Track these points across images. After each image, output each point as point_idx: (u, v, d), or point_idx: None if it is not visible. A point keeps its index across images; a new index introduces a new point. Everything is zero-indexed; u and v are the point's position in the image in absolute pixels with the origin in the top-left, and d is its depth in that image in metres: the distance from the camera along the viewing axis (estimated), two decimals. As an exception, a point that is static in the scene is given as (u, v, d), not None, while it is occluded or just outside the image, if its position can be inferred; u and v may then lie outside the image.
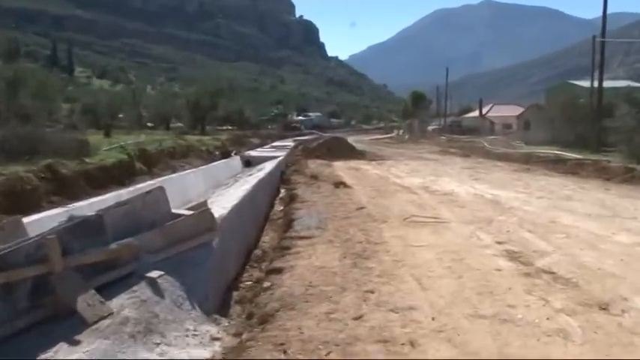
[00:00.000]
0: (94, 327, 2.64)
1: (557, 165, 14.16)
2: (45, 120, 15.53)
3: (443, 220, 6.04)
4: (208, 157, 17.86)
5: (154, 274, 3.24)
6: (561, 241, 4.97)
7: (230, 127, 44.95)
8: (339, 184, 9.44)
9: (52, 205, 6.99)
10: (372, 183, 10.18)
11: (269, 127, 56.65)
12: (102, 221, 3.27)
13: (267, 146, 23.67)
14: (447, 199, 7.85)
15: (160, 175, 11.22)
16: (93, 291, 2.85)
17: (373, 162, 16.33)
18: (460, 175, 11.78)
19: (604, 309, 3.14)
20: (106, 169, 10.41)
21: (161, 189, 3.88)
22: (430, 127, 49.29)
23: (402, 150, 25.00)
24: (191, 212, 3.94)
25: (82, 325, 2.64)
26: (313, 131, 55.51)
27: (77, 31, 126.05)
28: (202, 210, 4.01)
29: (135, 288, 3.07)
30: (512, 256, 4.39)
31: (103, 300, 2.82)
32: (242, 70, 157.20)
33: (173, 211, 3.91)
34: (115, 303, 2.88)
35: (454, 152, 21.84)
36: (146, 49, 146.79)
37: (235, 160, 15.70)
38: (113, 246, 3.19)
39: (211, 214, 4.04)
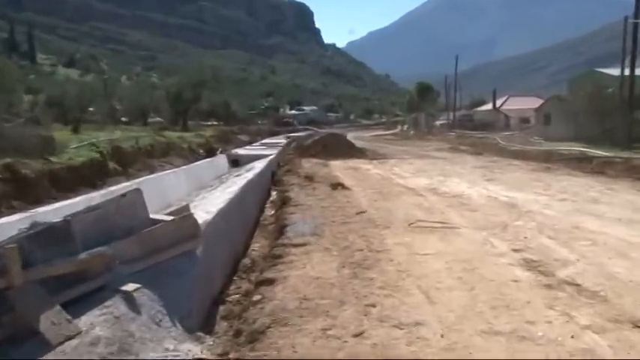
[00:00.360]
0: (59, 349, 2.57)
1: (581, 164, 14.20)
2: (3, 113, 15.35)
3: (452, 226, 6.06)
4: (191, 155, 17.84)
5: (130, 287, 3.23)
6: (587, 248, 4.97)
7: (215, 123, 44.89)
8: (337, 185, 9.48)
9: (12, 210, 6.95)
10: (374, 184, 10.21)
11: (259, 122, 56.66)
12: (70, 228, 3.25)
13: (257, 144, 23.72)
14: (457, 202, 7.88)
15: (136, 176, 11.20)
16: (58, 307, 2.81)
17: (374, 161, 16.38)
18: (471, 176, 11.83)
19: (638, 326, 3.08)
20: (75, 169, 10.35)
21: (138, 191, 3.87)
22: (438, 122, 49.51)
23: (406, 147, 25.06)
24: (172, 217, 3.93)
25: (45, 346, 2.57)
26: (308, 127, 55.57)
27: (39, 12, 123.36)
28: (184, 215, 4.00)
29: (107, 303, 3.05)
30: (530, 265, 4.41)
31: (70, 318, 2.78)
32: (228, 58, 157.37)
33: (151, 216, 3.90)
34: (84, 321, 2.85)
35: (465, 150, 21.93)
36: (120, 34, 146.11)
37: (221, 160, 15.70)
38: (83, 256, 3.16)
39: (194, 220, 4.04)
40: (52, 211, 5.45)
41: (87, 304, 3.01)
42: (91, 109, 28.77)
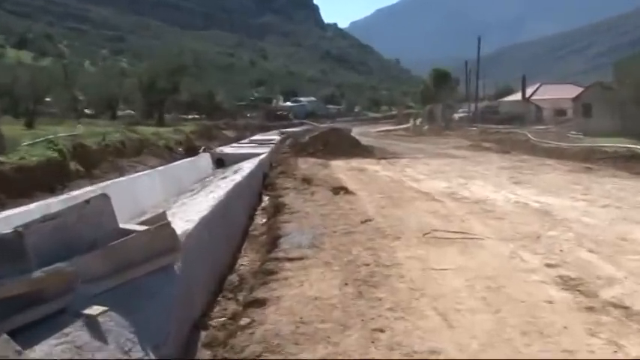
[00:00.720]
0: (6, 388, 2.55)
1: (629, 163, 14.17)
2: None
3: (475, 236, 6.09)
4: (168, 154, 17.90)
5: (94, 310, 3.21)
6: (636, 264, 4.96)
7: (197, 116, 45.05)
8: (339, 189, 9.56)
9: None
10: (382, 188, 10.28)
11: (248, 115, 56.91)
12: (22, 241, 3.23)
13: (246, 141, 23.81)
14: (480, 209, 7.92)
15: (103, 179, 11.20)
16: (6, 336, 2.77)
17: (383, 161, 16.50)
18: (497, 178, 11.90)
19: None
20: (29, 170, 10.34)
21: (105, 197, 3.87)
22: (457, 115, 49.70)
23: (420, 145, 25.15)
24: (145, 227, 3.92)
25: (-12, 385, 2.53)
26: (305, 121, 55.67)
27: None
28: (160, 224, 4.00)
29: (67, 330, 3.02)
30: (567, 283, 4.42)
31: (19, 349, 2.73)
32: (212, 40, 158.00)
33: (121, 226, 3.90)
34: (38, 351, 2.81)
35: (489, 147, 22.02)
36: (83, 10, 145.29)
37: (204, 159, 15.76)
38: (38, 274, 3.14)
39: (172, 230, 4.04)
40: (1, 220, 5.43)
41: (42, 331, 2.98)
42: (47, 99, 28.73)
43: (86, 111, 34.42)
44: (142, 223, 4.13)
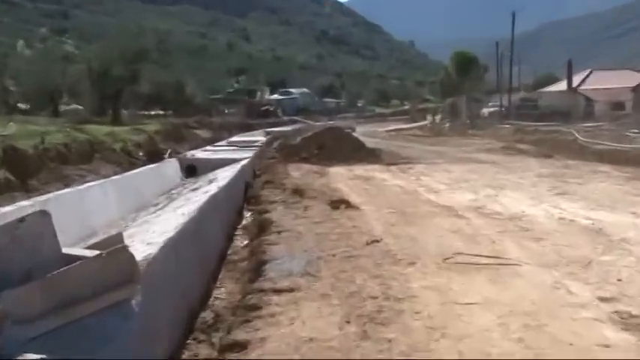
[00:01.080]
0: None
1: None
2: None
3: (508, 262, 6.11)
4: (126, 160, 17.86)
5: (29, 358, 3.21)
6: None
7: (162, 112, 45.06)
8: (339, 203, 9.62)
9: None
10: (392, 201, 10.32)
11: (225, 111, 57.01)
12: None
13: (223, 143, 23.85)
14: (515, 227, 7.96)
15: (42, 192, 11.15)
16: None
17: (393, 167, 16.60)
18: (536, 188, 11.96)
19: None
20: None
21: (44, 215, 3.87)
22: (486, 110, 49.97)
23: (440, 147, 25.23)
24: (96, 253, 3.92)
25: None
26: (297, 118, 55.71)
27: None
28: (115, 249, 4.00)
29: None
30: (627, 322, 4.43)
31: None
32: (181, 18, 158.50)
33: (64, 250, 3.89)
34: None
35: (526, 150, 22.10)
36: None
37: (171, 167, 15.76)
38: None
39: (130, 256, 4.03)
40: None
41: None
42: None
43: (20, 105, 34.38)
44: (91, 247, 4.13)
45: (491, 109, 49.33)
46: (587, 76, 48.72)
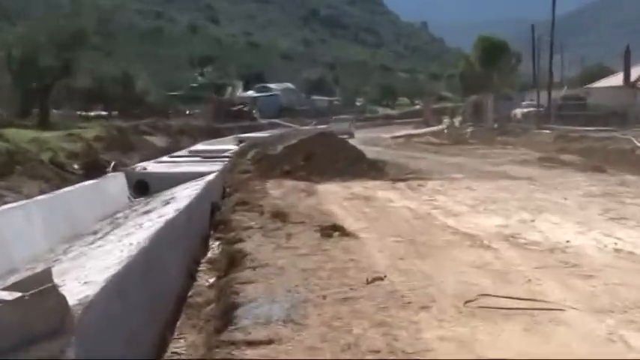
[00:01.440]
0: None
1: None
2: None
3: (548, 306, 6.09)
4: (56, 175, 17.73)
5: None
6: None
7: (104, 113, 44.91)
8: (332, 229, 9.59)
9: None
10: (400, 227, 10.33)
11: (187, 112, 56.96)
12: None
13: (184, 152, 23.85)
14: (557, 261, 7.94)
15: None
16: None
17: (401, 184, 16.65)
18: (584, 211, 11.96)
19: None
20: None
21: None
22: (519, 111, 50.25)
23: (460, 159, 25.38)
24: (17, 295, 3.89)
25: None
26: (278, 121, 55.74)
27: None
28: (42, 290, 3.97)
29: None
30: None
31: None
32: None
33: (-26, 292, 3.85)
34: None
35: (571, 162, 22.19)
36: None
37: (115, 183, 15.71)
38: None
39: (61, 299, 4.00)
40: None
41: None
42: None
43: None
44: (11, 288, 4.08)
45: (526, 110, 49.49)
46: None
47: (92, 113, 43.76)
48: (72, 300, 4.26)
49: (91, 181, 15.21)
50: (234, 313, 6.02)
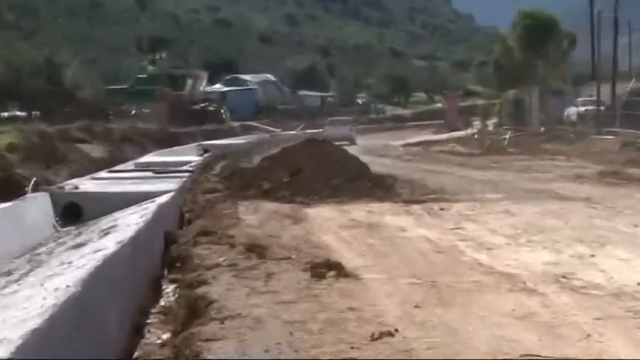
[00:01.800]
0: None
1: None
2: None
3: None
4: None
5: None
6: None
7: (21, 114, 44.69)
8: (326, 267, 9.57)
9: None
10: (416, 265, 10.31)
11: (133, 112, 56.79)
12: None
13: (130, 166, 23.78)
14: (625, 311, 7.92)
15: None
16: None
17: (416, 207, 16.65)
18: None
19: None
20: None
21: None
22: (573, 110, 50.31)
23: (494, 173, 25.50)
24: None
25: None
26: (255, 124, 55.55)
27: None
28: None
29: None
30: None
31: None
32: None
33: None
34: None
35: (641, 178, 22.19)
36: None
37: (37, 207, 15.63)
38: None
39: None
40: None
41: None
42: None
43: None
44: None
45: (583, 109, 49.49)
46: None
47: (6, 114, 43.70)
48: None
49: (2, 205, 15.16)
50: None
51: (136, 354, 8.25)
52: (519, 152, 35.17)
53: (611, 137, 35.81)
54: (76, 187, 17.48)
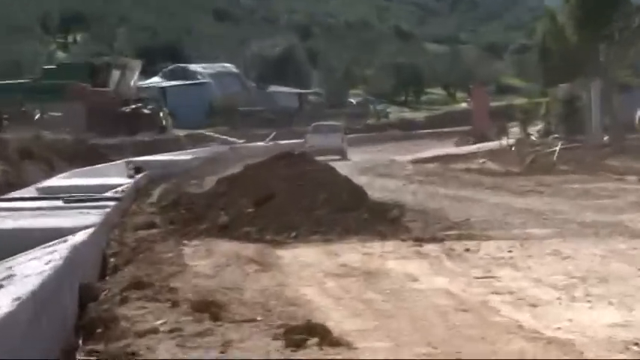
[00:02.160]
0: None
1: None
2: None
3: None
4: None
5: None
6: None
7: None
8: (305, 332, 9.48)
9: None
10: (431, 328, 10.29)
11: (38, 116, 57.18)
12: None
13: (31, 191, 23.82)
14: None
15: None
16: None
17: (431, 247, 16.82)
18: None
19: None
20: None
21: None
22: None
23: (539, 200, 25.78)
24: None
25: None
26: (207, 132, 55.91)
27: None
28: None
29: None
30: None
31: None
32: None
33: None
34: None
35: None
36: None
37: None
38: None
39: None
40: None
41: None
42: None
43: None
44: None
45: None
46: None
47: None
48: None
49: None
50: None
51: None
52: (574, 171, 35.53)
53: None
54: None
